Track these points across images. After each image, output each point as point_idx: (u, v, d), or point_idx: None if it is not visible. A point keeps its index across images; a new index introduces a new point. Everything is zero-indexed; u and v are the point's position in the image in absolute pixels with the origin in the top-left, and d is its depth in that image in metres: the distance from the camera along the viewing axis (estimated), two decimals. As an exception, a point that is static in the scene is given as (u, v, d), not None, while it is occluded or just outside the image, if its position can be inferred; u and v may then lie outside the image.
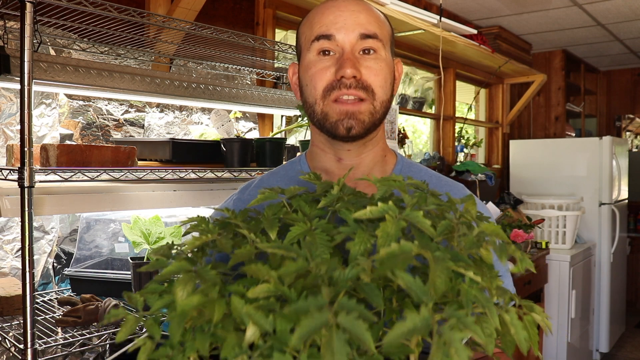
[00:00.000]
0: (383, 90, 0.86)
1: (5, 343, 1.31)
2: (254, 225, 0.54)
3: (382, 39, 0.86)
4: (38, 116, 1.71)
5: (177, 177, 1.50)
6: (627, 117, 6.07)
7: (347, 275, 0.43)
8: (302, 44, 0.90)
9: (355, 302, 0.39)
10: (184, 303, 0.44)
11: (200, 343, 0.44)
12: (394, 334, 0.37)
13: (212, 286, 0.45)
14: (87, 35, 1.62)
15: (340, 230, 0.51)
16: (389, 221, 0.47)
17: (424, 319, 0.38)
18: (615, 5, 3.76)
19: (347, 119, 0.84)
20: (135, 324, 0.47)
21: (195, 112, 2.14)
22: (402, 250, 0.43)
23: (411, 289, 0.41)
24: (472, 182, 3.33)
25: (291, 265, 0.45)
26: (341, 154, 0.90)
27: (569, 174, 4.06)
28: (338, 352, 0.36)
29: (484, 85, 4.44)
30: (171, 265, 0.49)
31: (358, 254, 0.47)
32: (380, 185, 0.55)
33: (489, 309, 0.42)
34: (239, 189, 1.01)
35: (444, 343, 0.37)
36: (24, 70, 1.13)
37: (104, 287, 1.64)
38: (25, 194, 1.14)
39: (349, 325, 0.37)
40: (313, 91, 0.86)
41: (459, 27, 3.19)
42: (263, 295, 0.43)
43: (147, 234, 1.61)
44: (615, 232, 4.08)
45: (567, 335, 3.37)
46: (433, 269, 0.42)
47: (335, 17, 0.85)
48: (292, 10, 2.52)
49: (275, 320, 0.41)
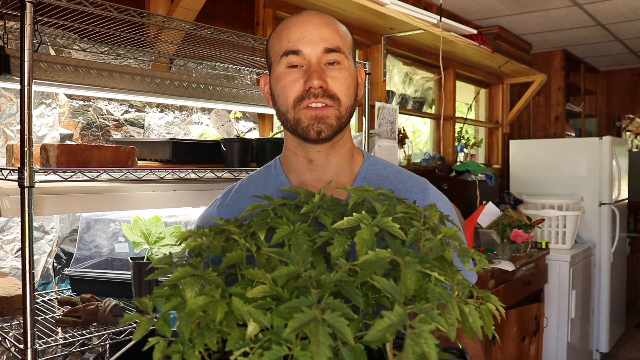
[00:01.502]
0: (347, 97, 0.95)
1: (5, 343, 1.31)
2: (244, 230, 0.62)
3: (344, 51, 0.95)
4: (38, 116, 1.71)
5: (177, 177, 1.50)
6: (627, 117, 6.07)
7: (332, 279, 0.51)
8: (272, 57, 0.98)
9: (339, 301, 0.47)
10: (192, 303, 0.50)
11: (208, 339, 0.51)
12: (374, 331, 0.44)
13: (216, 288, 0.52)
14: (87, 35, 1.62)
15: (321, 234, 0.59)
16: (364, 229, 0.55)
17: (398, 316, 0.45)
18: (615, 5, 3.76)
19: (317, 124, 0.93)
20: (148, 325, 0.54)
21: (195, 112, 2.14)
22: (378, 257, 0.51)
23: (387, 290, 0.49)
24: (472, 182, 3.33)
25: (284, 269, 0.52)
26: (312, 155, 0.99)
27: (569, 174, 4.06)
28: (323, 343, 0.44)
29: (484, 85, 4.44)
30: (177, 272, 0.55)
31: (338, 256, 0.56)
32: (354, 193, 0.64)
33: (450, 303, 0.51)
34: (221, 193, 1.09)
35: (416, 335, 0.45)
36: (24, 70, 1.13)
37: (104, 287, 1.64)
38: (25, 194, 1.14)
39: (333, 321, 0.44)
40: (285, 101, 0.94)
41: (459, 27, 3.19)
42: (260, 295, 0.50)
43: (147, 234, 1.60)
44: (615, 232, 4.08)
45: (567, 335, 3.37)
46: (404, 272, 0.50)
47: (301, 33, 0.93)
48: (292, 10, 2.52)
49: (272, 317, 0.48)
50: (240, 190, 1.05)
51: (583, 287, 3.66)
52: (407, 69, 3.40)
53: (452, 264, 0.58)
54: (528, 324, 2.96)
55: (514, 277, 2.87)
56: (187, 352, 0.51)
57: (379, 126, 2.91)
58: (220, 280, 0.54)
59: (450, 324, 0.49)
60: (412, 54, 3.44)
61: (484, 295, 0.59)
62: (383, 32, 2.99)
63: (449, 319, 0.49)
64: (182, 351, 0.51)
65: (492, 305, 0.58)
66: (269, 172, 1.06)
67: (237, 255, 0.57)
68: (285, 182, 1.02)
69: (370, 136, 2.76)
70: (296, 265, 0.54)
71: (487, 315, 0.56)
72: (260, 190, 1.03)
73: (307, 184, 1.00)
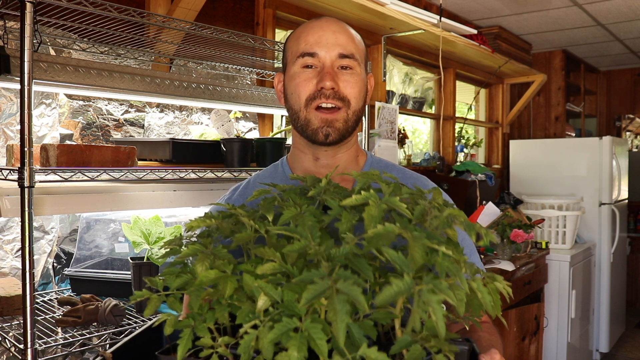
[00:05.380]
0: (356, 101, 1.00)
1: (5, 343, 1.31)
2: (252, 214, 0.63)
3: (358, 58, 1.00)
4: (38, 116, 1.71)
5: (177, 177, 1.50)
6: (627, 117, 6.07)
7: (342, 252, 0.51)
8: (288, 57, 1.03)
9: (350, 272, 0.48)
10: (203, 275, 0.51)
11: (219, 313, 0.52)
12: (383, 295, 0.45)
13: (227, 263, 0.54)
14: (87, 35, 1.62)
15: (329, 212, 0.60)
16: (372, 205, 0.55)
17: (406, 284, 0.46)
18: (615, 5, 3.76)
19: (326, 127, 0.97)
20: (159, 302, 0.55)
21: (195, 112, 2.14)
22: (386, 231, 0.51)
23: (395, 261, 0.50)
24: (472, 182, 3.33)
25: (295, 245, 0.53)
26: (319, 154, 1.03)
27: (569, 174, 4.06)
28: (340, 311, 0.44)
29: (484, 85, 4.44)
30: (187, 249, 0.56)
31: (346, 230, 0.56)
32: (360, 178, 0.64)
33: (459, 277, 0.50)
34: (229, 190, 1.13)
35: (423, 302, 0.45)
36: (24, 70, 1.13)
37: (104, 287, 1.64)
38: (25, 194, 1.14)
39: (347, 289, 0.45)
40: (297, 99, 0.99)
41: (459, 27, 3.19)
42: (270, 272, 0.51)
43: (147, 234, 1.60)
44: (615, 232, 4.08)
45: (567, 335, 3.37)
46: (412, 246, 0.50)
47: (319, 36, 0.98)
48: (292, 10, 2.52)
49: (283, 291, 0.49)
50: (248, 186, 1.10)
51: (583, 287, 3.66)
52: (407, 69, 3.40)
53: (459, 245, 0.58)
54: (528, 324, 2.96)
55: (514, 277, 2.87)
56: (198, 327, 0.52)
57: (379, 126, 2.91)
58: (231, 256, 0.55)
59: (459, 299, 0.49)
60: (412, 54, 3.44)
61: (489, 275, 0.59)
62: (383, 32, 2.99)
63: (458, 294, 0.49)
64: (192, 325, 0.52)
65: (499, 284, 0.58)
66: (275, 170, 1.10)
67: (246, 236, 0.58)
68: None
69: (370, 136, 2.76)
70: (306, 239, 0.54)
71: (495, 293, 0.56)
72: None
73: None
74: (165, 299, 0.56)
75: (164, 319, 0.54)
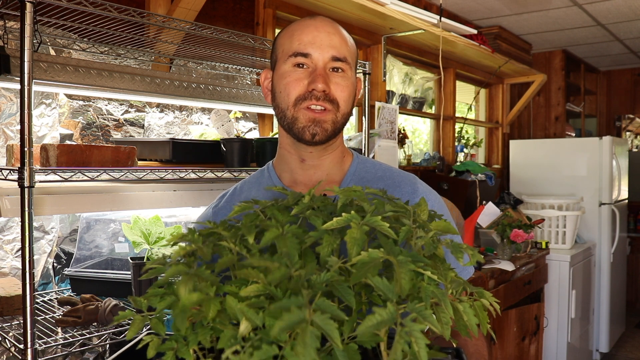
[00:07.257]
0: (346, 104, 0.99)
1: (5, 343, 1.31)
2: (234, 232, 0.62)
3: (350, 62, 0.99)
4: (38, 116, 1.71)
5: (177, 177, 1.50)
6: (627, 117, 6.07)
7: (322, 279, 0.51)
8: (278, 54, 1.00)
9: (330, 303, 0.47)
10: (185, 298, 0.50)
11: (202, 336, 0.51)
12: (365, 326, 0.45)
13: (210, 285, 0.53)
14: (87, 35, 1.62)
15: (310, 234, 0.59)
16: (354, 228, 0.55)
17: (390, 313, 0.45)
18: (615, 5, 3.76)
19: (313, 126, 0.96)
20: (142, 323, 0.54)
21: (195, 112, 2.14)
22: (371, 258, 0.51)
23: (380, 289, 0.49)
24: (472, 182, 3.33)
25: (276, 272, 0.52)
26: (304, 155, 1.02)
27: (569, 174, 4.06)
28: (309, 345, 0.43)
29: (484, 85, 4.44)
30: (170, 270, 0.55)
31: (327, 256, 0.56)
32: (341, 195, 0.64)
33: (444, 302, 0.51)
34: (217, 197, 1.12)
35: (406, 333, 0.45)
36: (24, 70, 1.13)
37: (104, 287, 1.64)
38: (25, 194, 1.14)
39: (322, 323, 0.44)
40: (286, 98, 0.97)
41: (459, 27, 3.19)
42: (253, 293, 0.51)
43: (147, 234, 1.60)
44: (615, 232, 4.08)
45: (567, 335, 3.37)
46: (398, 272, 0.50)
47: (313, 37, 0.96)
48: (292, 10, 2.52)
49: (264, 316, 0.48)
50: (235, 193, 1.09)
51: (583, 287, 3.66)
52: (407, 69, 3.40)
53: (445, 261, 0.58)
54: (528, 324, 2.96)
55: (514, 277, 2.87)
56: (181, 349, 0.52)
57: (379, 126, 2.91)
58: (214, 277, 0.54)
59: (444, 322, 0.49)
60: (412, 54, 3.44)
61: (477, 291, 0.58)
62: (383, 32, 2.99)
63: (443, 317, 0.49)
64: (175, 348, 0.52)
65: (487, 301, 0.58)
66: (262, 175, 1.09)
67: (228, 260, 0.57)
68: (278, 184, 1.05)
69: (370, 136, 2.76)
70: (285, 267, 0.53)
71: (482, 312, 0.56)
72: (253, 193, 1.06)
73: (299, 183, 1.04)
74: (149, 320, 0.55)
75: (147, 341, 0.54)
